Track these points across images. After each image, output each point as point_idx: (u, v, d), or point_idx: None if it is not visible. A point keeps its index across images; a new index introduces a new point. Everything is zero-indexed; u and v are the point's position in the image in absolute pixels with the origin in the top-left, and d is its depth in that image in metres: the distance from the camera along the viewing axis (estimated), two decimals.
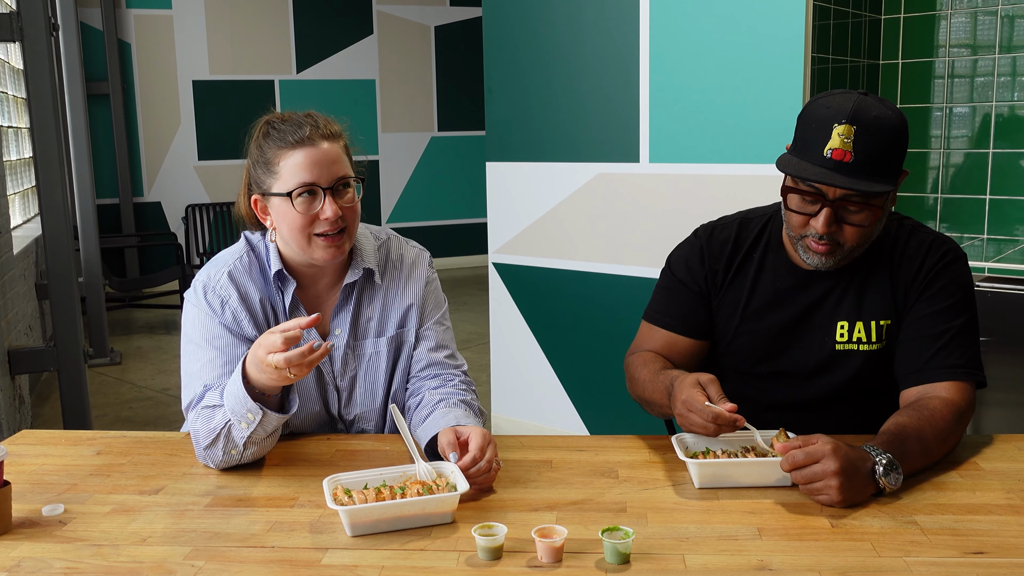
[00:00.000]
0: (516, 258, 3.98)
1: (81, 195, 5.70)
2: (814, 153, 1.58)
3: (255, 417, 1.53)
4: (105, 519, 1.40)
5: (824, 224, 1.60)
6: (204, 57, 8.34)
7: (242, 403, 1.53)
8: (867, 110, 1.57)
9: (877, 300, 1.73)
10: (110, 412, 4.82)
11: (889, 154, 1.58)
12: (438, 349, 1.85)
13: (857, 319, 1.73)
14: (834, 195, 1.59)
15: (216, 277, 1.74)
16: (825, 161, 1.57)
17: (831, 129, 1.57)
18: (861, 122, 1.56)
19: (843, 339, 1.74)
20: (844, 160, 1.55)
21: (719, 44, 3.27)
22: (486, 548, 1.25)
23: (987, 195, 3.51)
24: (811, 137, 1.60)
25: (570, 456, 1.66)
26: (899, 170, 1.63)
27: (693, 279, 1.83)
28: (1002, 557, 1.24)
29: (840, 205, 1.60)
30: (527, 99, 3.86)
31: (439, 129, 9.34)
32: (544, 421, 4.00)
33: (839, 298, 1.75)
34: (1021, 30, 3.37)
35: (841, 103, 1.58)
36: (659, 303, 1.89)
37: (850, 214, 1.61)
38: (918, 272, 1.71)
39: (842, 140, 1.55)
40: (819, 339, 1.76)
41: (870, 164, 1.56)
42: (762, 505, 1.42)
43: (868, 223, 1.62)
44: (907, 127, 1.62)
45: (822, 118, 1.59)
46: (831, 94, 1.63)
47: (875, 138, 1.56)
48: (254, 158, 1.72)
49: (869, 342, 1.73)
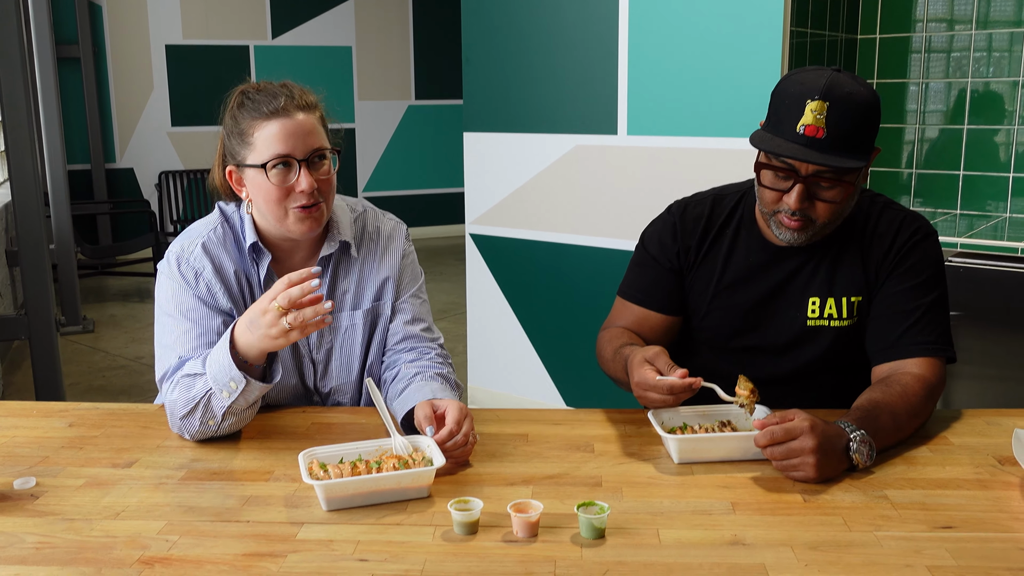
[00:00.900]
0: (493, 229, 3.97)
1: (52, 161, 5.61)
2: (787, 129, 1.59)
3: (238, 386, 1.52)
4: (77, 493, 1.40)
5: (797, 200, 1.61)
6: (177, 21, 8.20)
7: (226, 371, 1.52)
8: (840, 87, 1.57)
9: (848, 277, 1.75)
10: (83, 381, 4.78)
11: (861, 131, 1.59)
12: (414, 322, 1.84)
13: (828, 295, 1.75)
14: (807, 171, 1.60)
15: (190, 248, 1.72)
16: (798, 137, 1.58)
17: (804, 105, 1.57)
18: (834, 98, 1.56)
19: (814, 315, 1.76)
20: (817, 136, 1.56)
21: (698, 17, 3.26)
22: (462, 523, 1.25)
23: (961, 171, 3.53)
24: (784, 113, 1.61)
25: (546, 430, 1.66)
26: (871, 147, 1.64)
27: (666, 255, 1.84)
28: (970, 531, 1.25)
29: (812, 181, 1.61)
30: (505, 69, 3.83)
31: (416, 97, 9.26)
32: (520, 392, 4.02)
33: (811, 274, 1.76)
34: (997, 6, 3.38)
35: (814, 79, 1.59)
36: (632, 279, 1.90)
37: (822, 190, 1.62)
38: (889, 249, 1.73)
39: (815, 116, 1.56)
40: (791, 315, 1.77)
41: (842, 140, 1.57)
42: (736, 480, 1.43)
43: (840, 199, 1.63)
44: (879, 104, 1.63)
45: (795, 94, 1.60)
46: (804, 71, 1.64)
47: (847, 114, 1.57)
48: (228, 128, 1.70)
49: (840, 318, 1.75)
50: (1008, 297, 2.83)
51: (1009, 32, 3.36)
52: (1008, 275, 2.83)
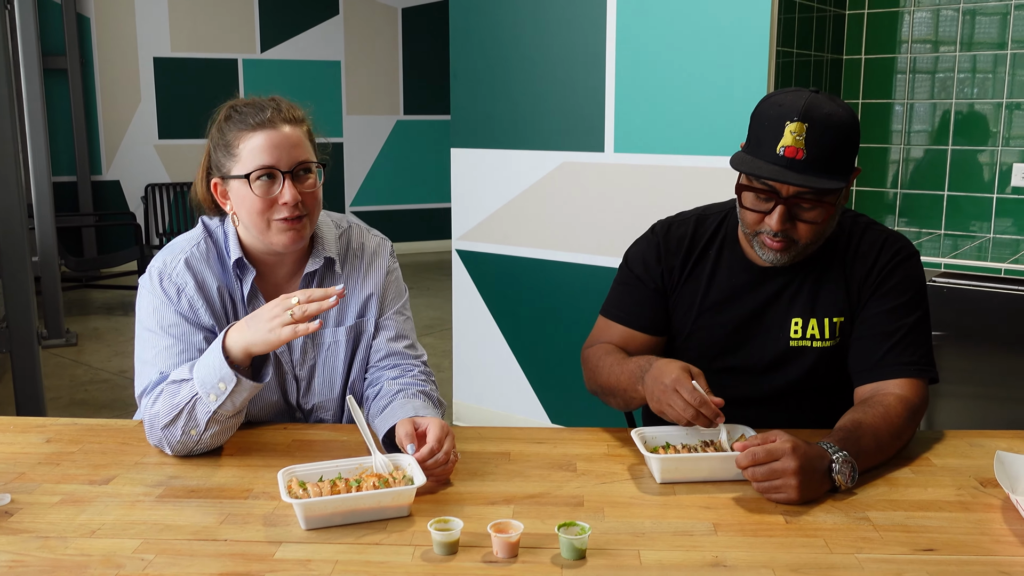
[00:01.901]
0: (480, 245, 3.97)
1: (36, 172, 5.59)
2: (767, 151, 1.60)
3: (227, 387, 1.51)
4: (53, 510, 1.38)
5: (779, 221, 1.61)
6: (166, 34, 8.19)
7: (216, 371, 1.51)
8: (818, 107, 1.58)
9: (831, 297, 1.75)
10: (65, 395, 4.74)
11: (841, 151, 1.60)
12: (398, 339, 1.84)
13: (811, 316, 1.75)
14: (787, 192, 1.60)
15: (172, 264, 1.71)
16: (778, 159, 1.58)
17: (783, 127, 1.58)
18: (813, 119, 1.57)
19: (797, 335, 1.76)
20: (796, 157, 1.57)
21: (685, 36, 3.27)
22: (442, 543, 1.24)
23: (945, 191, 3.55)
24: (764, 135, 1.61)
25: (528, 448, 1.65)
26: (851, 167, 1.64)
27: (650, 275, 1.84)
28: (951, 554, 1.25)
29: (794, 202, 1.61)
30: (493, 86, 3.84)
31: (405, 113, 9.27)
32: (505, 408, 4.00)
33: (793, 295, 1.76)
34: (982, 27, 3.41)
35: (793, 101, 1.59)
36: (616, 299, 1.89)
37: (804, 211, 1.63)
38: (871, 270, 1.73)
39: (794, 138, 1.57)
40: (773, 335, 1.77)
41: (822, 161, 1.57)
42: (718, 500, 1.42)
43: (821, 220, 1.63)
44: (858, 124, 1.64)
45: (774, 116, 1.60)
46: (783, 92, 1.65)
47: (827, 135, 1.57)
48: (215, 141, 1.70)
49: (823, 339, 1.75)
50: (991, 317, 2.85)
51: (993, 54, 3.39)
52: (992, 295, 2.84)
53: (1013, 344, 2.83)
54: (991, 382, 2.88)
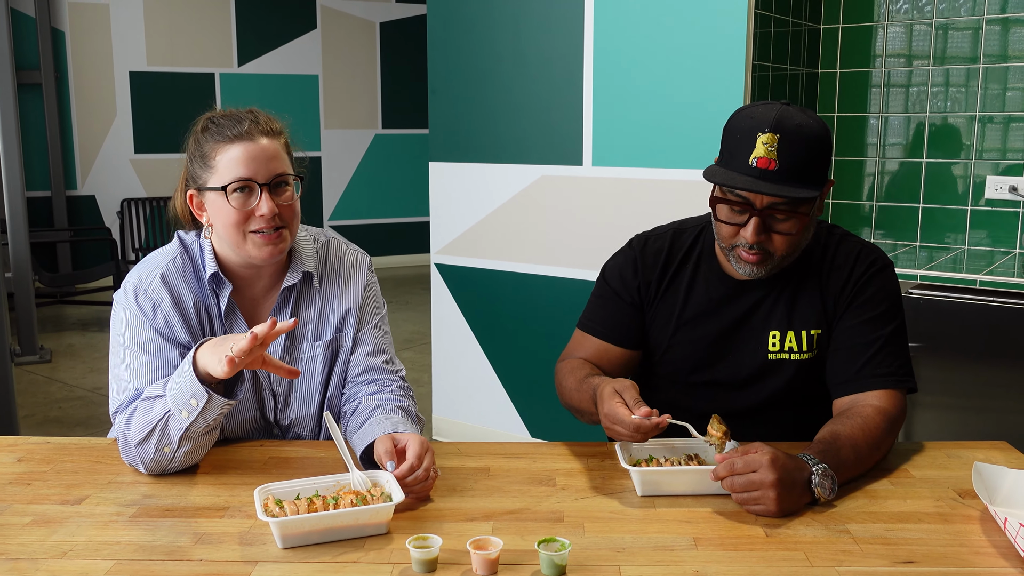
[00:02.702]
0: (458, 259, 3.96)
1: (10, 187, 5.53)
2: (740, 163, 1.61)
3: (198, 403, 1.49)
4: (24, 531, 1.35)
5: (753, 233, 1.62)
6: (142, 48, 8.15)
7: (187, 387, 1.49)
8: (790, 119, 1.59)
9: (808, 310, 1.75)
10: (38, 412, 4.68)
11: (813, 161, 1.61)
12: (376, 354, 1.82)
13: (788, 328, 1.75)
14: (761, 204, 1.61)
15: (148, 279, 1.69)
16: (750, 170, 1.59)
17: (755, 138, 1.59)
18: (784, 130, 1.58)
19: (775, 348, 1.76)
20: (769, 168, 1.58)
21: (662, 50, 3.29)
22: (420, 560, 1.23)
23: (920, 203, 3.58)
24: (736, 147, 1.62)
25: (508, 463, 1.64)
26: (824, 177, 1.65)
27: (626, 289, 1.84)
28: (931, 567, 1.25)
29: (768, 214, 1.62)
30: (471, 100, 3.84)
31: (383, 127, 9.26)
32: (485, 423, 3.99)
33: (770, 308, 1.76)
34: (954, 42, 3.45)
35: (764, 113, 1.61)
36: (593, 312, 1.89)
37: (778, 222, 1.63)
38: (847, 282, 1.74)
39: (766, 149, 1.58)
40: (751, 348, 1.77)
41: (795, 171, 1.58)
42: (698, 514, 1.42)
43: (796, 231, 1.64)
44: (830, 136, 1.65)
45: (746, 128, 1.61)
46: (754, 105, 1.66)
47: (798, 146, 1.58)
48: (191, 152, 1.68)
49: (800, 351, 1.75)
50: (968, 328, 2.87)
51: (966, 68, 3.43)
52: (967, 307, 2.86)
53: (989, 355, 2.86)
54: (968, 393, 2.89)
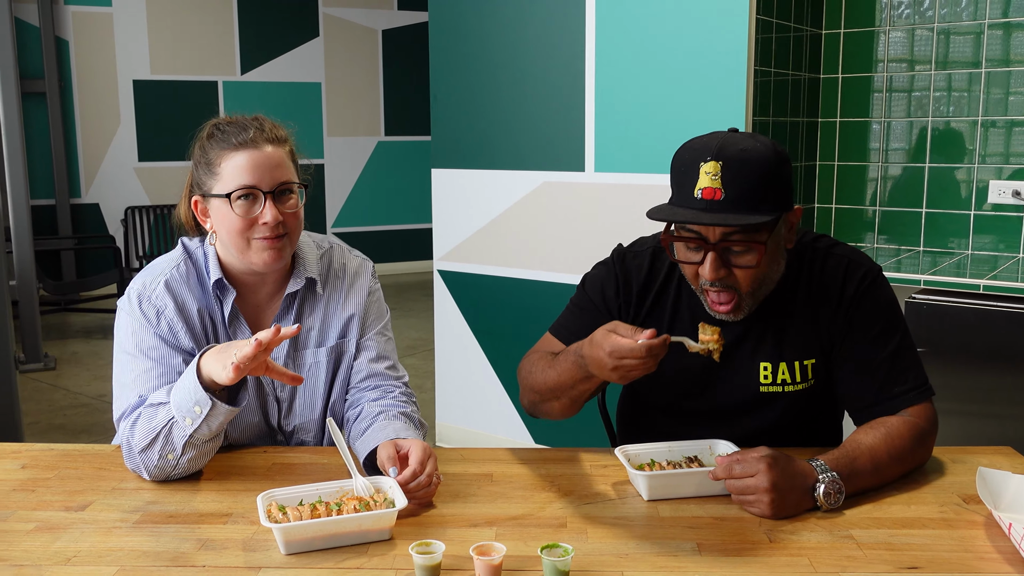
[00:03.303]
0: (461, 265, 3.96)
1: (14, 195, 5.54)
2: (685, 196, 1.52)
3: (202, 410, 1.49)
4: (28, 537, 1.35)
5: (711, 269, 1.53)
6: (145, 56, 8.18)
7: (191, 394, 1.49)
8: (732, 145, 1.51)
9: (800, 339, 1.67)
10: (43, 419, 4.68)
11: (763, 186, 1.50)
12: (379, 360, 1.82)
13: (780, 360, 1.67)
14: (715, 237, 1.52)
15: (152, 286, 1.70)
16: (696, 202, 1.50)
17: (698, 168, 1.50)
18: (726, 157, 1.49)
19: (767, 380, 1.68)
20: (715, 198, 1.48)
21: (664, 55, 3.29)
22: (423, 566, 1.23)
23: (923, 208, 3.58)
24: (681, 180, 1.54)
25: (511, 469, 1.64)
26: (781, 202, 1.53)
27: (606, 306, 1.76)
28: (936, 572, 1.25)
29: (724, 247, 1.53)
30: (473, 106, 3.84)
31: (386, 134, 9.28)
32: (488, 429, 3.99)
33: (759, 338, 1.68)
34: (956, 46, 3.45)
35: (706, 142, 1.53)
36: (567, 320, 1.81)
37: (736, 255, 1.54)
38: (839, 305, 1.65)
39: (710, 178, 1.49)
40: (742, 379, 1.69)
41: (743, 199, 1.48)
42: (701, 520, 1.42)
43: (756, 263, 1.54)
44: (782, 157, 1.54)
45: (689, 160, 1.53)
46: (699, 136, 1.58)
47: (744, 171, 1.48)
48: (197, 159, 1.69)
49: (794, 382, 1.68)
50: (971, 333, 2.86)
51: (968, 72, 3.43)
52: (971, 311, 2.86)
53: (993, 360, 2.85)
54: (972, 398, 2.89)
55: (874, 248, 3.66)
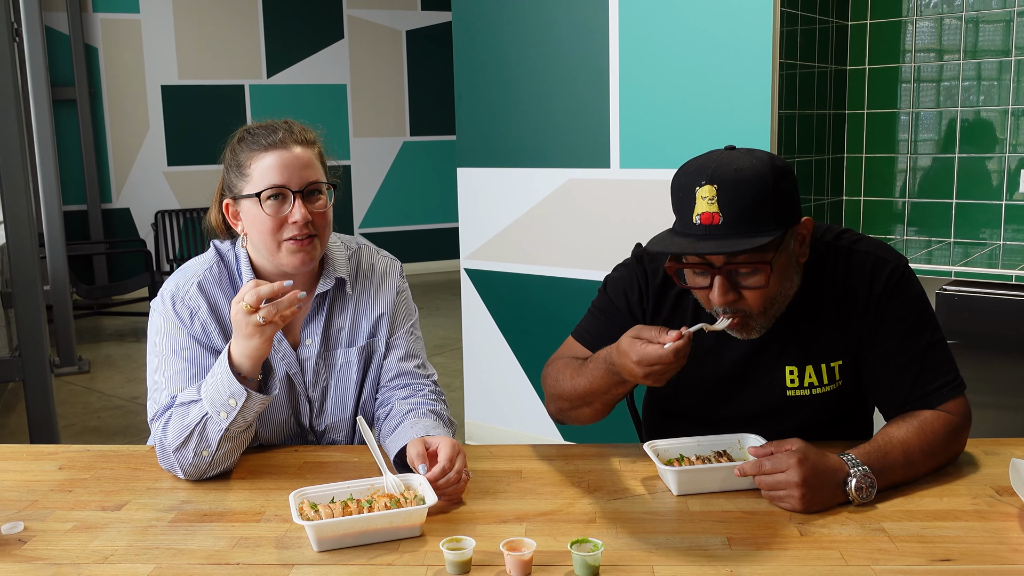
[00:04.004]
0: (488, 263, 3.97)
1: (47, 202, 5.63)
2: (684, 222, 1.48)
3: (237, 402, 1.52)
4: (66, 537, 1.38)
5: (720, 294, 1.49)
6: (173, 62, 8.27)
7: (225, 387, 1.52)
8: (727, 165, 1.46)
9: (825, 341, 1.64)
10: (78, 422, 4.75)
11: (762, 205, 1.44)
12: (408, 359, 1.84)
13: (806, 363, 1.65)
14: (719, 262, 1.48)
15: (185, 287, 1.72)
16: (695, 229, 1.45)
17: (694, 193, 1.46)
18: (721, 180, 1.44)
19: (794, 384, 1.66)
20: (714, 223, 1.44)
21: (688, 50, 3.28)
22: (454, 562, 1.24)
23: (953, 199, 3.55)
24: (680, 206, 1.50)
25: (540, 466, 1.65)
26: (784, 219, 1.48)
27: (630, 310, 1.74)
28: (969, 564, 1.24)
29: (730, 270, 1.49)
30: (497, 105, 3.85)
31: (411, 134, 9.31)
32: (517, 426, 3.99)
33: (785, 341, 1.65)
34: (986, 35, 3.41)
35: (702, 164, 1.48)
36: (590, 324, 1.80)
37: (744, 277, 1.50)
38: (866, 305, 1.61)
39: (707, 202, 1.44)
40: (767, 384, 1.67)
41: (742, 220, 1.43)
42: (731, 514, 1.41)
43: (764, 283, 1.49)
44: (782, 171, 1.48)
45: (685, 184, 1.49)
46: (695, 158, 1.53)
47: (740, 192, 1.43)
48: (227, 162, 1.72)
49: (822, 385, 1.65)
50: (1004, 325, 2.83)
51: (998, 61, 3.39)
52: (1003, 302, 2.83)
53: None
54: (1004, 390, 2.86)
55: (904, 240, 3.63)
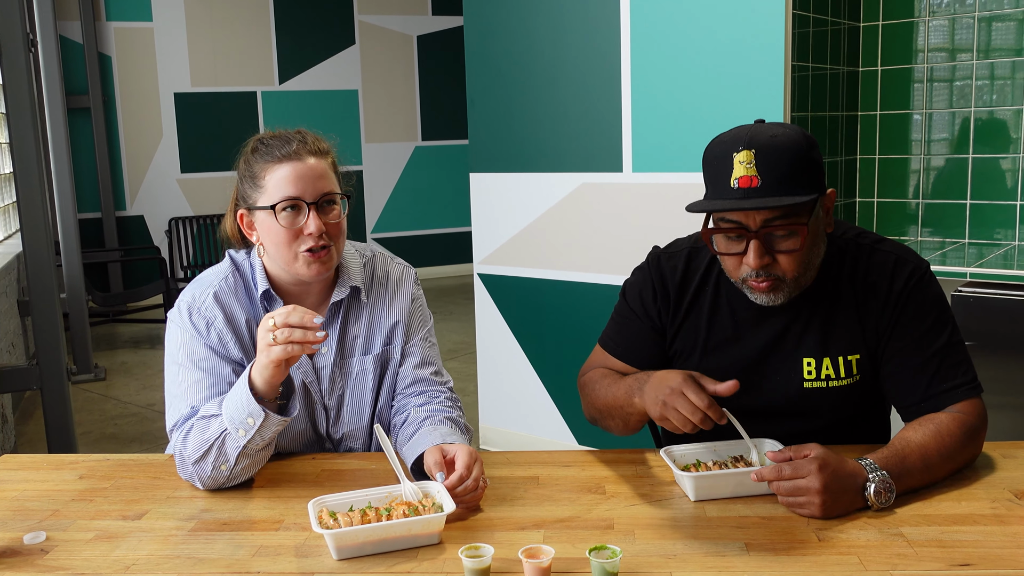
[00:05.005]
0: (501, 268, 3.98)
1: (62, 210, 5.67)
2: (722, 188, 1.54)
3: (255, 421, 1.52)
4: (88, 546, 1.39)
5: (756, 257, 1.54)
6: (185, 69, 8.31)
7: (244, 406, 1.52)
8: (762, 133, 1.54)
9: (844, 334, 1.67)
10: (95, 429, 4.78)
11: (796, 170, 1.52)
12: (423, 366, 1.84)
13: (824, 355, 1.67)
14: (756, 224, 1.54)
15: (201, 298, 1.73)
16: (734, 192, 1.52)
17: (731, 159, 1.53)
18: (759, 145, 1.52)
19: (811, 376, 1.68)
20: (752, 186, 1.51)
21: (700, 53, 3.28)
22: (473, 570, 1.24)
23: (968, 199, 3.53)
24: (715, 175, 1.56)
25: (557, 472, 1.65)
26: (816, 185, 1.55)
27: (647, 313, 1.78)
28: (988, 569, 1.24)
29: (766, 234, 1.54)
30: (510, 109, 3.86)
31: (423, 139, 9.33)
32: (532, 431, 4.00)
33: (801, 332, 1.68)
34: (998, 34, 3.40)
35: (736, 134, 1.56)
36: (613, 331, 1.84)
37: (779, 241, 1.55)
38: (886, 301, 1.64)
39: (745, 167, 1.51)
40: (785, 376, 1.69)
41: (779, 184, 1.50)
42: (749, 520, 1.42)
43: (799, 247, 1.55)
44: (812, 141, 1.56)
45: (721, 153, 1.56)
46: (726, 131, 1.60)
47: (777, 156, 1.51)
48: (242, 173, 1.73)
49: (839, 378, 1.67)
50: (1020, 325, 2.82)
51: (1011, 60, 3.37)
52: (1019, 303, 2.81)
53: None
54: (1021, 391, 2.84)
55: (918, 241, 3.61)
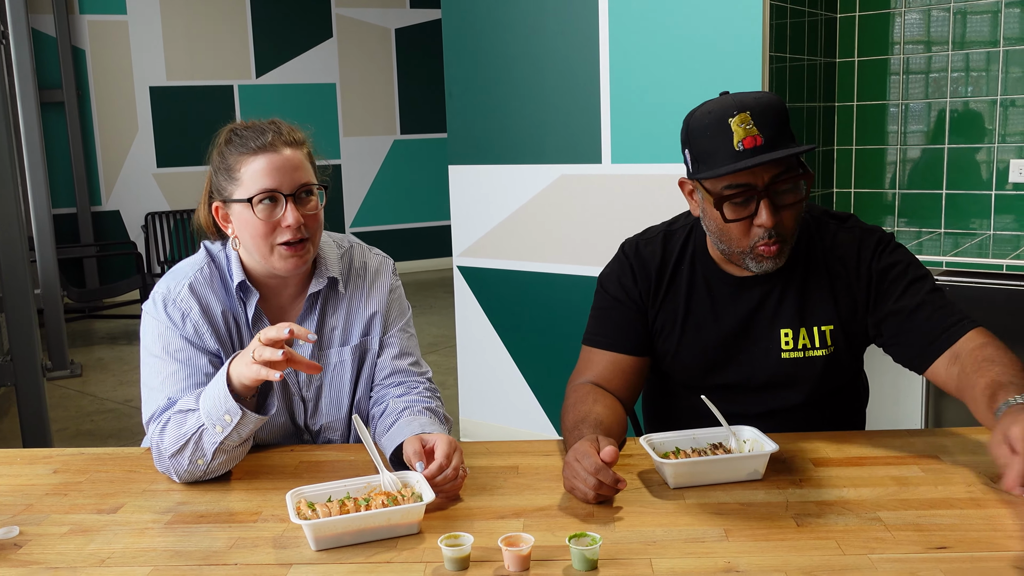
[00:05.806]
0: (481, 261, 3.97)
1: (36, 205, 5.61)
2: (728, 154, 1.55)
3: (232, 419, 1.50)
4: (62, 540, 1.37)
5: (769, 215, 1.57)
6: (161, 63, 8.24)
7: (221, 403, 1.50)
8: (745, 97, 1.58)
9: (817, 304, 1.70)
10: (71, 426, 4.74)
11: (786, 123, 1.59)
12: (402, 356, 1.83)
13: (800, 325, 1.70)
14: (763, 183, 1.56)
15: (176, 289, 1.71)
16: (742, 154, 1.54)
17: (728, 125, 1.55)
18: (750, 106, 1.55)
19: (788, 347, 1.71)
20: (758, 144, 1.54)
21: (678, 44, 3.29)
22: (452, 559, 1.24)
23: (943, 190, 3.56)
24: (713, 144, 1.57)
25: (537, 461, 1.65)
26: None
27: (629, 297, 1.79)
28: (965, 551, 1.25)
29: (773, 191, 1.58)
30: (488, 102, 3.85)
31: (401, 132, 9.30)
32: (512, 423, 4.00)
33: (777, 304, 1.71)
34: (973, 26, 3.42)
35: (721, 102, 1.59)
36: (597, 325, 1.84)
37: (784, 195, 1.59)
38: (858, 273, 1.69)
39: (745, 128, 1.54)
40: (763, 348, 1.72)
41: (779, 137, 1.56)
42: (728, 506, 1.42)
43: (800, 199, 1.61)
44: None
45: (712, 123, 1.57)
46: (701, 106, 1.63)
47: (770, 114, 1.56)
48: (216, 165, 1.70)
49: (814, 348, 1.70)
50: (995, 314, 2.84)
51: (986, 52, 3.40)
52: (994, 292, 2.84)
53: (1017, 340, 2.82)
54: None
55: (895, 231, 3.64)
